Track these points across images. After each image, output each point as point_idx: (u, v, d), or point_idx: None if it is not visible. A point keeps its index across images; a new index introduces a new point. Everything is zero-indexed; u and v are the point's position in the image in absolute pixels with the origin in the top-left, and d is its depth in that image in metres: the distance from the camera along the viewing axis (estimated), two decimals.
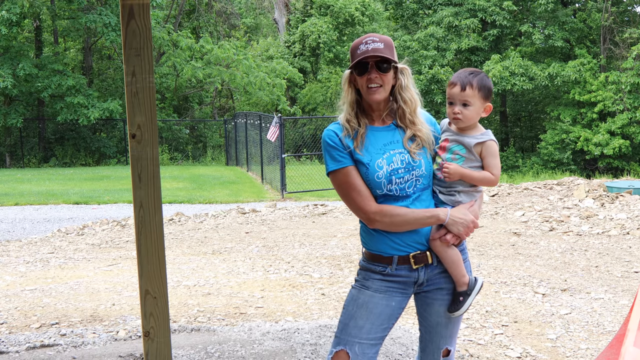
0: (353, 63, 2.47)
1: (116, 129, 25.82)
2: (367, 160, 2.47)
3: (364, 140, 2.49)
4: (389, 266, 2.51)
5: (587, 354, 4.11)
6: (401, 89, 2.51)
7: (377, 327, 2.50)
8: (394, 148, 2.50)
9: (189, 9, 30.54)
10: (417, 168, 2.49)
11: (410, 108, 2.51)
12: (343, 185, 2.50)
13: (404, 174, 2.48)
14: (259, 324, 4.69)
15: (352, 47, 2.51)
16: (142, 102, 2.66)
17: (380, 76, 2.45)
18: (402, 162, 2.48)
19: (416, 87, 2.57)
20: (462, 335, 4.44)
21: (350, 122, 2.50)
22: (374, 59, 2.44)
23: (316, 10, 29.70)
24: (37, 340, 4.38)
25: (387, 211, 2.46)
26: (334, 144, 2.50)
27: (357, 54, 2.47)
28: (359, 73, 2.47)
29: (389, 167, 2.47)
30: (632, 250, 7.10)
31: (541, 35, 28.09)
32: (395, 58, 2.49)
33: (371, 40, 2.46)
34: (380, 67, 2.45)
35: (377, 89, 2.46)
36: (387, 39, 2.48)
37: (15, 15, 21.32)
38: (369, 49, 2.44)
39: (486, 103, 2.55)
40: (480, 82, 2.52)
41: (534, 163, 27.85)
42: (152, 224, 2.70)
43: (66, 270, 6.68)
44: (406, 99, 2.51)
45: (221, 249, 7.74)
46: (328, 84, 28.80)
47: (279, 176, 15.20)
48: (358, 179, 2.48)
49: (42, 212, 12.31)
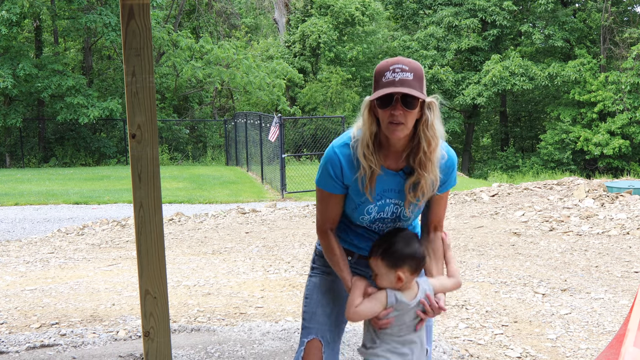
0: (376, 95, 2.19)
1: (116, 129, 25.81)
2: (358, 202, 2.36)
3: (374, 185, 2.30)
4: (349, 257, 2.51)
5: (587, 354, 4.11)
6: (426, 126, 2.24)
7: (343, 312, 2.47)
8: (391, 197, 2.35)
9: (189, 9, 30.54)
10: (404, 221, 2.42)
11: (430, 149, 2.25)
12: (321, 200, 2.42)
13: (389, 222, 2.42)
14: (259, 324, 4.69)
15: (377, 72, 2.23)
16: (142, 102, 2.66)
17: (405, 113, 2.17)
18: (392, 214, 2.39)
19: (442, 122, 2.30)
20: (462, 335, 4.45)
21: (367, 159, 2.26)
22: (400, 93, 2.16)
23: (316, 10, 29.70)
24: (37, 340, 4.38)
25: (327, 245, 2.43)
26: (333, 176, 2.33)
27: (382, 82, 2.18)
28: (382, 105, 2.19)
29: (377, 215, 2.38)
30: (632, 250, 7.10)
31: (541, 35, 28.11)
32: (424, 90, 2.22)
33: (399, 68, 2.17)
34: (406, 102, 2.17)
35: (399, 126, 2.19)
36: (417, 67, 2.21)
37: (15, 15, 21.32)
38: (396, 79, 2.16)
39: (395, 271, 2.30)
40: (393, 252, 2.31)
41: (534, 163, 27.87)
42: (152, 224, 2.70)
43: (66, 270, 6.68)
44: (429, 137, 2.24)
45: (221, 249, 7.74)
46: (328, 84, 28.80)
47: (279, 176, 15.20)
48: (337, 206, 2.40)
49: (42, 212, 12.31)
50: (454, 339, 4.39)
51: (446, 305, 2.44)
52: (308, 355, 2.47)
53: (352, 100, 28.82)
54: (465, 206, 10.61)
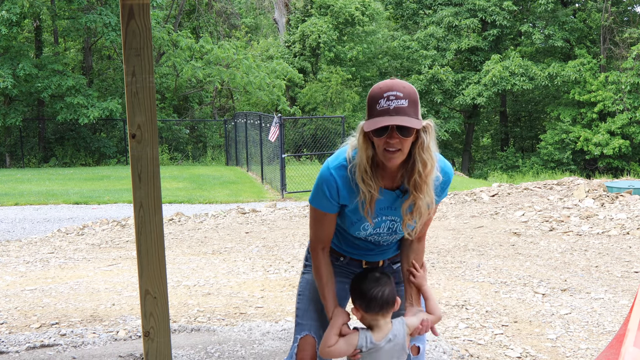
0: (372, 127, 2.13)
1: (116, 129, 25.82)
2: (355, 219, 2.36)
3: (374, 207, 2.29)
4: (341, 258, 2.55)
5: (587, 354, 4.11)
6: (422, 149, 2.22)
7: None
8: (387, 214, 2.35)
9: (189, 9, 30.54)
10: (400, 234, 2.42)
11: (425, 171, 2.23)
12: (315, 219, 2.42)
13: (384, 236, 2.43)
14: (259, 324, 4.69)
15: (371, 98, 2.17)
16: (142, 102, 2.65)
17: (401, 140, 2.15)
18: (388, 230, 2.39)
19: (436, 145, 2.28)
20: (462, 335, 4.45)
21: (367, 184, 2.24)
22: (395, 123, 2.12)
23: (316, 10, 29.70)
24: (37, 340, 4.38)
25: (316, 266, 2.43)
26: (329, 196, 2.31)
27: (377, 110, 2.14)
28: (377, 134, 2.16)
29: (373, 231, 2.39)
30: (632, 250, 7.10)
31: (541, 35, 28.11)
32: (419, 114, 2.18)
33: (394, 95, 2.12)
34: (401, 131, 2.14)
35: (396, 153, 2.17)
36: (411, 92, 2.16)
37: (15, 15, 21.31)
38: (390, 107, 2.12)
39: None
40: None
41: (534, 163, 27.87)
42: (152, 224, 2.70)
43: (66, 270, 6.68)
44: (425, 160, 2.22)
45: (221, 249, 7.74)
46: (328, 84, 28.80)
47: (279, 176, 15.20)
48: (331, 225, 2.40)
49: (42, 212, 12.31)
50: (454, 339, 4.39)
51: (437, 327, 2.52)
52: (301, 352, 2.48)
53: (352, 100, 28.82)
54: (465, 206, 10.62)
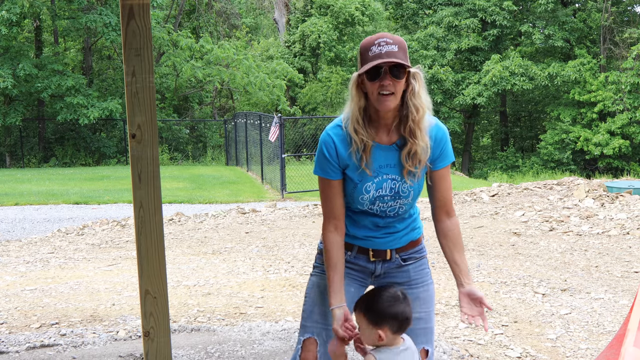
0: (365, 68, 2.27)
1: (116, 129, 25.82)
2: (357, 180, 2.41)
3: (369, 159, 2.36)
4: (349, 252, 2.53)
5: (587, 354, 4.11)
6: (412, 95, 2.33)
7: None
8: (387, 172, 2.40)
9: (189, 9, 30.53)
10: (404, 197, 2.43)
11: (418, 116, 2.33)
12: (322, 192, 2.48)
13: (389, 201, 2.43)
14: (259, 324, 4.69)
15: (362, 48, 2.31)
16: (142, 102, 2.65)
17: (394, 83, 2.27)
18: (390, 191, 2.41)
19: (427, 93, 2.38)
20: (462, 335, 4.45)
21: (359, 134, 2.34)
22: (388, 64, 2.25)
23: (316, 10, 29.71)
24: (37, 340, 4.38)
25: (327, 248, 2.45)
26: (329, 157, 2.41)
27: (369, 56, 2.27)
28: (370, 78, 2.28)
29: (375, 193, 2.41)
30: (632, 250, 7.10)
31: (541, 35, 28.11)
32: (408, 61, 2.30)
33: (384, 42, 2.27)
34: (394, 73, 2.26)
35: (389, 97, 2.28)
36: (400, 41, 2.30)
37: (15, 15, 21.32)
38: (382, 52, 2.25)
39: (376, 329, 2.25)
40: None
41: (534, 163, 27.86)
42: (152, 224, 2.70)
43: (66, 270, 6.68)
44: (417, 105, 2.33)
45: (221, 249, 7.74)
46: (328, 84, 28.81)
47: (279, 176, 15.20)
48: (338, 196, 2.44)
49: (42, 212, 12.31)
50: (454, 339, 4.39)
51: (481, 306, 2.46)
52: (305, 354, 2.49)
53: None
54: (465, 206, 10.61)
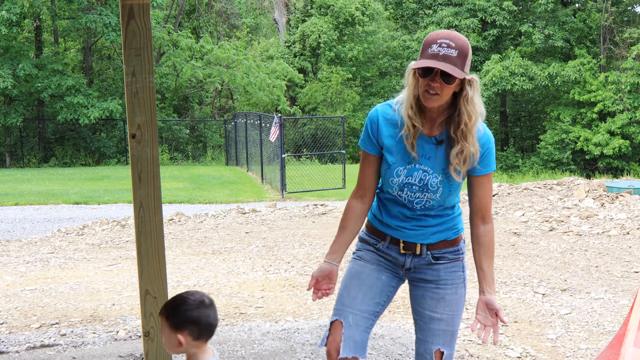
0: (418, 65, 2.30)
1: (116, 129, 25.81)
2: (391, 161, 2.46)
3: (415, 144, 2.42)
4: (381, 242, 2.58)
5: (587, 354, 4.11)
6: (466, 101, 2.36)
7: (370, 299, 2.54)
8: (421, 162, 2.43)
9: (189, 9, 30.53)
10: (432, 193, 2.45)
11: (470, 123, 2.36)
12: (361, 162, 2.58)
13: (416, 191, 2.45)
14: (259, 324, 4.69)
15: (426, 42, 2.33)
16: (142, 102, 2.66)
17: (442, 86, 2.29)
18: (420, 181, 2.43)
19: (482, 101, 2.42)
20: (462, 335, 4.44)
21: (411, 119, 2.39)
22: (440, 68, 2.27)
23: (316, 10, 29.71)
24: (37, 340, 4.38)
25: (346, 209, 2.60)
26: (370, 132, 2.49)
27: (427, 53, 2.29)
28: (422, 75, 2.32)
29: (405, 179, 2.44)
30: (632, 250, 7.10)
31: (541, 35, 28.09)
32: (467, 67, 2.31)
33: (446, 44, 2.27)
34: (444, 77, 2.29)
35: (434, 97, 2.32)
36: (463, 45, 2.29)
37: (15, 15, 21.32)
38: (440, 53, 2.26)
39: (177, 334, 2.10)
40: None
41: (534, 163, 27.85)
42: (152, 224, 2.70)
43: (66, 270, 6.68)
44: (470, 112, 2.36)
45: (221, 249, 7.74)
46: (328, 84, 28.80)
47: (279, 176, 15.20)
48: (370, 169, 2.53)
49: (42, 212, 12.31)
50: None
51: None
52: (332, 336, 2.53)
53: (352, 100, 28.82)
54: (466, 206, 10.61)
